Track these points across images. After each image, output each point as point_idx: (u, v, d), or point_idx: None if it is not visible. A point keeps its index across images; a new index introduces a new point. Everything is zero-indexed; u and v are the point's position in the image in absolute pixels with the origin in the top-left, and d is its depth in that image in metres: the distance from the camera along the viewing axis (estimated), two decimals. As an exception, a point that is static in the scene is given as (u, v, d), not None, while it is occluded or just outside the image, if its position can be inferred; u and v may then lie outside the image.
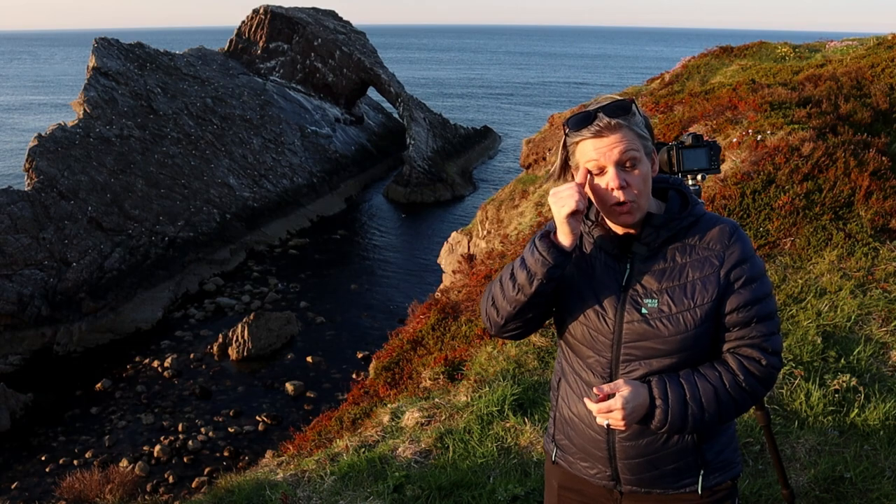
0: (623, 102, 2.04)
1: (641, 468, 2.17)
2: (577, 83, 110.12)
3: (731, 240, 2.08)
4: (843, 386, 4.68)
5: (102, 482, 9.53)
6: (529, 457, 4.61)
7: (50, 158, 28.99)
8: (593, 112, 2.02)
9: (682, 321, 2.04)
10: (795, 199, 7.00)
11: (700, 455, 2.17)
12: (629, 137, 2.00)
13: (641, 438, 2.14)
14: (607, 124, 1.99)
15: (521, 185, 16.81)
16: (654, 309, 2.06)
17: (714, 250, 2.07)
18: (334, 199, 41.50)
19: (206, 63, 44.06)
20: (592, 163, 2.02)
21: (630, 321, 2.08)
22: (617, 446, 2.17)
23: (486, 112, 76.14)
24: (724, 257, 2.06)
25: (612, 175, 2.00)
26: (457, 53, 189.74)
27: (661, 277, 2.08)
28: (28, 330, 24.31)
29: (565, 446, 2.34)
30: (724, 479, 2.22)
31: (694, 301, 2.04)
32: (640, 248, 2.10)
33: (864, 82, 11.09)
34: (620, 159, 1.99)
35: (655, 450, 2.15)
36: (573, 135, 2.06)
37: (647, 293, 2.08)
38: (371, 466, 4.71)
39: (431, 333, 8.75)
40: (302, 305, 27.51)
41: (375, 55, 52.32)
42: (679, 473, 2.18)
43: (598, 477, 2.26)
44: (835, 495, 3.89)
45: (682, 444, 2.14)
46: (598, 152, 2.00)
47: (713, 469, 2.20)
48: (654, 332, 2.05)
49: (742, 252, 2.07)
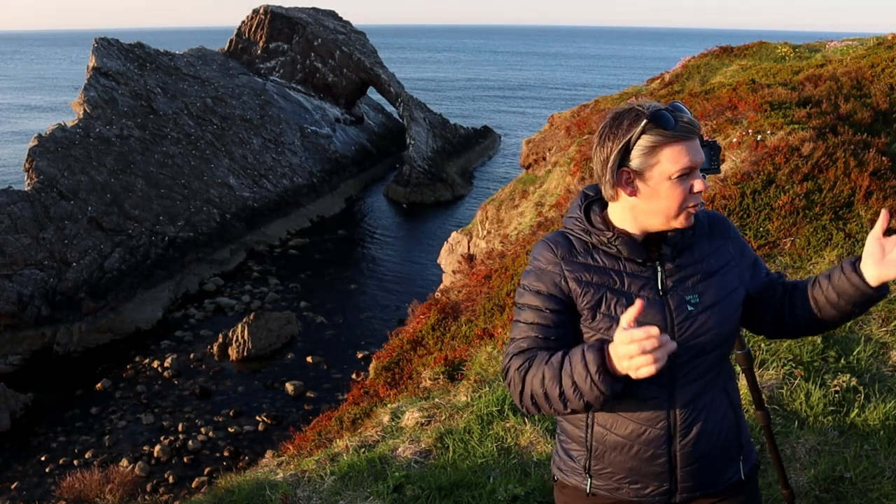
0: (675, 103, 2.00)
1: (701, 471, 2.13)
2: (577, 83, 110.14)
3: (727, 225, 2.21)
4: (843, 386, 4.68)
5: (102, 482, 9.52)
6: (529, 457, 4.61)
7: (50, 158, 28.98)
8: (670, 111, 1.93)
9: (725, 310, 2.07)
10: (795, 199, 7.00)
11: (739, 436, 2.20)
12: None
13: (701, 439, 2.09)
14: (694, 127, 1.95)
15: (521, 185, 16.81)
16: (697, 304, 2.04)
17: (724, 237, 2.17)
18: (334, 199, 41.50)
19: (206, 63, 44.06)
20: (684, 166, 1.94)
21: (681, 321, 2.02)
22: (679, 454, 2.08)
23: (485, 112, 76.12)
24: (730, 241, 2.17)
25: (700, 178, 1.99)
26: (457, 53, 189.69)
27: (693, 273, 2.08)
28: (28, 330, 24.31)
29: (607, 475, 2.15)
30: (754, 460, 2.28)
31: (728, 288, 2.09)
32: (666, 249, 2.07)
33: (864, 82, 11.09)
34: (701, 163, 2.00)
35: (712, 446, 2.12)
36: (656, 134, 1.91)
37: (688, 289, 2.05)
38: (371, 466, 4.71)
39: (431, 333, 8.75)
40: (302, 305, 27.51)
41: (375, 55, 52.32)
42: (726, 464, 2.19)
43: (651, 495, 2.13)
44: (835, 495, 3.89)
45: (727, 428, 2.15)
46: (691, 154, 1.95)
47: (747, 451, 2.24)
48: (704, 326, 2.04)
49: (737, 234, 2.23)
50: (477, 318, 8.29)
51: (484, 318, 8.10)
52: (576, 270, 2.06)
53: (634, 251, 2.04)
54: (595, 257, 2.07)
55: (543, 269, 2.10)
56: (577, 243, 2.10)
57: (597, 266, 2.06)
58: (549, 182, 14.75)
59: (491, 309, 8.20)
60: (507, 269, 9.10)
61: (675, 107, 1.95)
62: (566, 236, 2.13)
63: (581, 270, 2.06)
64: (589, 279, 2.05)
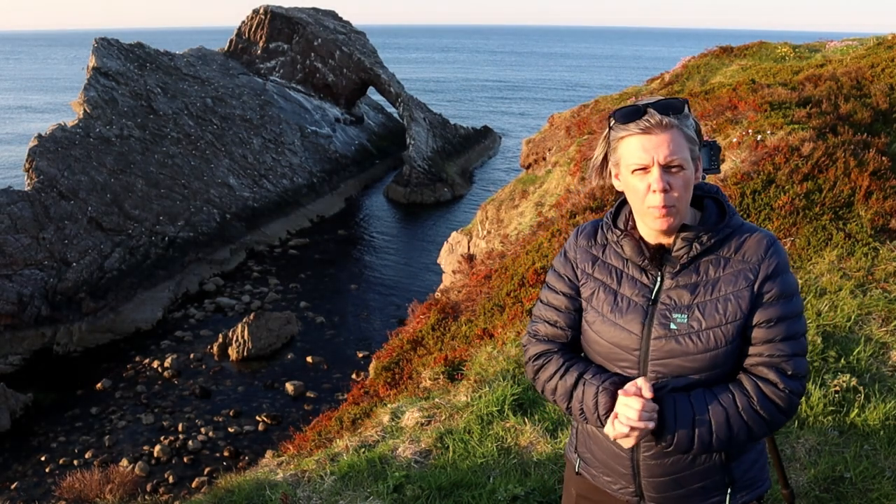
0: (678, 101, 1.92)
1: (667, 486, 2.08)
2: (576, 83, 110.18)
3: (767, 252, 1.96)
4: (843, 386, 4.68)
5: (102, 482, 9.52)
6: (529, 457, 4.61)
7: (50, 158, 28.99)
8: (643, 107, 1.89)
9: (712, 338, 1.93)
10: (795, 199, 7.00)
11: (728, 473, 2.07)
12: (679, 139, 1.89)
13: (667, 457, 2.04)
14: (658, 122, 1.86)
15: (521, 185, 16.80)
16: (683, 325, 1.95)
17: (749, 263, 1.96)
18: (334, 199, 41.51)
19: (206, 63, 44.06)
20: (636, 161, 1.89)
21: (658, 337, 1.97)
22: (641, 464, 2.08)
23: (486, 112, 76.14)
24: (759, 270, 1.94)
25: (656, 176, 1.87)
26: (457, 53, 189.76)
27: (692, 291, 1.96)
28: (28, 330, 24.31)
29: (588, 459, 2.26)
30: (752, 497, 2.13)
31: (726, 317, 1.93)
32: (671, 260, 1.99)
33: (864, 82, 11.08)
34: (667, 161, 1.86)
35: (681, 468, 2.05)
36: (619, 129, 1.92)
37: (678, 308, 1.96)
38: (371, 466, 4.71)
39: (431, 333, 8.75)
40: (302, 305, 27.52)
41: (375, 55, 52.31)
42: (705, 492, 2.08)
43: (621, 492, 2.18)
44: (835, 495, 3.89)
45: (710, 463, 2.05)
46: (645, 151, 1.87)
47: (740, 487, 2.10)
48: (682, 349, 1.95)
49: (778, 266, 1.95)
50: (477, 318, 8.28)
51: (484, 318, 8.10)
52: (584, 260, 2.15)
53: (636, 253, 2.03)
54: (606, 253, 2.12)
55: (566, 253, 2.23)
56: (600, 236, 2.16)
57: (603, 262, 2.12)
58: (549, 182, 14.76)
59: (491, 309, 8.20)
60: (507, 269, 9.10)
61: (655, 104, 1.90)
62: (596, 226, 2.20)
63: (588, 261, 2.14)
64: (591, 272, 2.13)
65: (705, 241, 1.97)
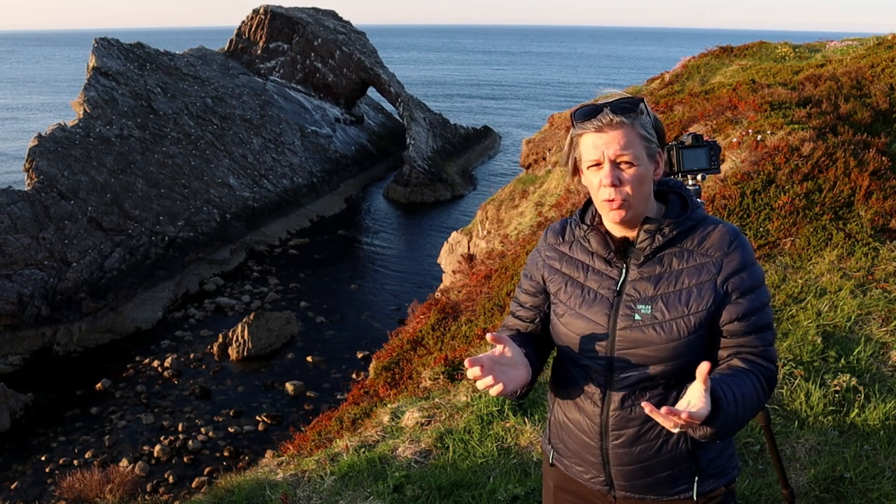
0: (630, 100, 2.00)
1: (635, 475, 2.15)
2: (576, 83, 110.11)
3: (730, 247, 2.03)
4: (843, 386, 4.68)
5: (102, 482, 9.53)
6: (529, 457, 4.61)
7: (50, 158, 28.99)
8: (599, 107, 2.00)
9: (675, 328, 2.00)
10: (795, 199, 7.00)
11: (695, 462, 2.14)
12: (630, 136, 1.97)
13: (635, 446, 2.11)
14: (609, 121, 1.97)
15: (521, 185, 16.81)
16: (647, 315, 2.02)
17: (712, 257, 2.03)
18: (334, 199, 41.51)
19: (206, 63, 44.06)
20: (589, 157, 2.01)
21: (623, 327, 2.05)
22: (610, 453, 2.14)
23: (486, 112, 76.12)
24: (721, 265, 2.01)
25: (605, 171, 1.98)
26: (457, 53, 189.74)
27: (656, 283, 2.04)
28: (28, 330, 24.32)
29: (561, 450, 2.33)
30: (719, 484, 2.19)
31: (688, 308, 2.00)
32: (635, 252, 2.07)
33: (864, 82, 11.08)
34: (616, 157, 1.97)
35: (649, 457, 2.11)
36: (577, 127, 2.05)
37: (642, 299, 2.04)
38: (371, 466, 4.71)
39: (431, 333, 8.75)
40: (302, 305, 27.52)
41: (375, 55, 52.31)
42: (673, 480, 2.15)
43: (592, 481, 2.25)
44: (835, 495, 3.89)
45: (677, 452, 2.11)
46: (595, 148, 1.99)
47: (708, 475, 2.16)
48: (646, 338, 2.02)
49: (741, 260, 2.02)
50: (477, 317, 8.29)
51: (484, 317, 8.10)
52: (552, 258, 2.26)
53: (602, 246, 2.12)
54: (573, 248, 2.22)
55: (537, 250, 2.34)
56: (568, 233, 2.26)
57: (570, 257, 2.21)
58: (549, 182, 14.76)
59: (491, 309, 8.20)
60: (507, 269, 9.10)
61: (611, 103, 1.99)
62: (565, 224, 2.29)
63: (556, 258, 2.24)
64: (559, 267, 2.23)
65: (667, 233, 2.05)
